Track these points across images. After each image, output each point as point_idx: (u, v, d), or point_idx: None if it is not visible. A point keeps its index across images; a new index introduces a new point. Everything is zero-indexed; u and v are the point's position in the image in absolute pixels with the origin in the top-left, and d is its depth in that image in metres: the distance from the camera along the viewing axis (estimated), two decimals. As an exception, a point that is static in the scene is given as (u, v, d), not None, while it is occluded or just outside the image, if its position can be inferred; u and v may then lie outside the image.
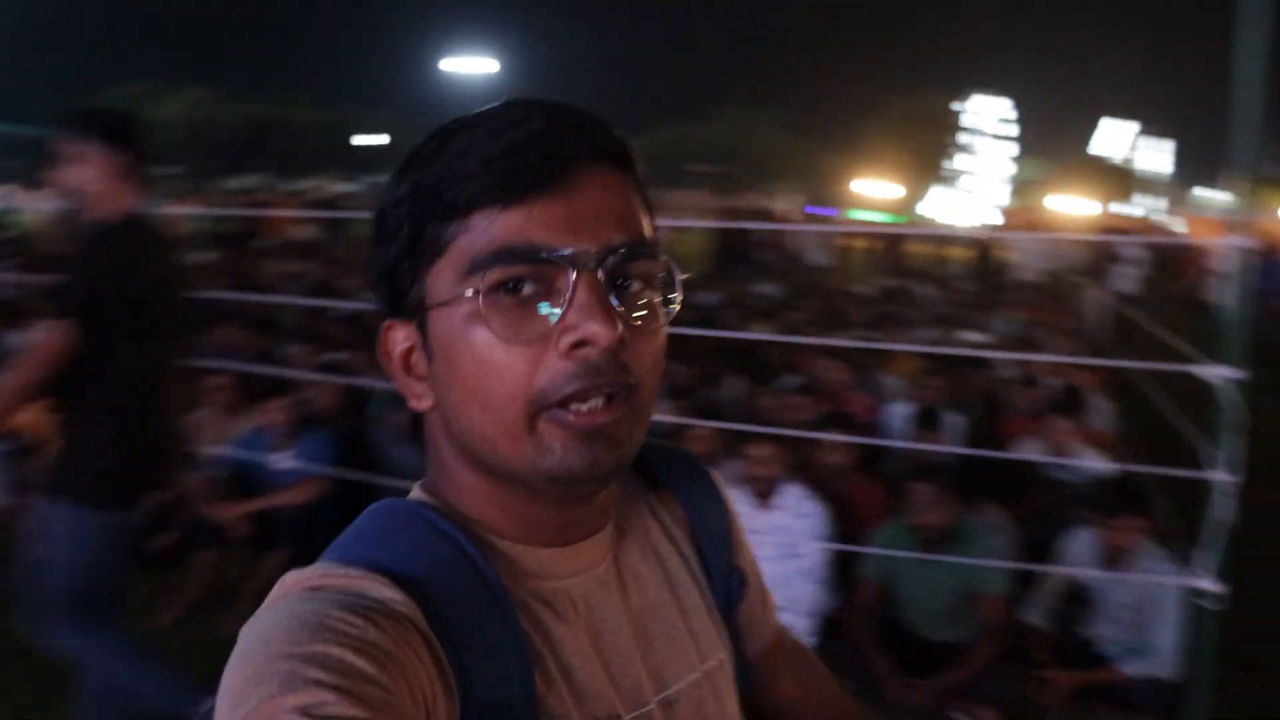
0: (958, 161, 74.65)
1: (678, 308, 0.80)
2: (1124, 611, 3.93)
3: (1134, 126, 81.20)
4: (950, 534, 3.98)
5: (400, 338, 0.79)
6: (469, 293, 0.72)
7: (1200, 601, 3.55)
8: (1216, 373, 3.45)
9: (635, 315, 0.76)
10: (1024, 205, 60.14)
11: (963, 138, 75.15)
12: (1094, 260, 16.67)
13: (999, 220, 46.03)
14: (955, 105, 73.42)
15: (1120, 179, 66.16)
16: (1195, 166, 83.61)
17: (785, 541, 4.09)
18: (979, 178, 76.83)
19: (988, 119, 79.52)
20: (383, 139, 56.98)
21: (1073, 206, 52.70)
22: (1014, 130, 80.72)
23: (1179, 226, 40.78)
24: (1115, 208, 57.19)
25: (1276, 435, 3.98)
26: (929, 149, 64.35)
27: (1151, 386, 6.76)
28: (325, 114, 54.88)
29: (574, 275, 0.72)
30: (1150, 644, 3.82)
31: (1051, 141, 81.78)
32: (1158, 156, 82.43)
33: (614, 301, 0.73)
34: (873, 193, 56.75)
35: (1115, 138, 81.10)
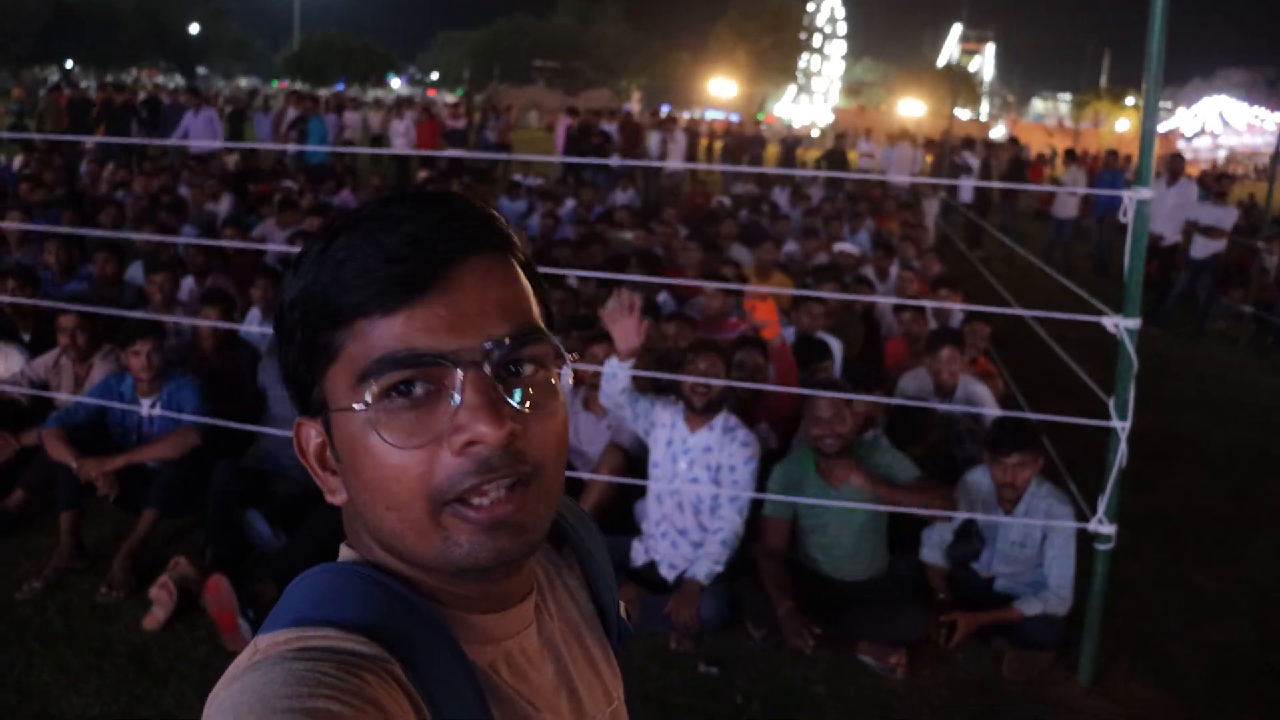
0: (805, 61, 75.01)
1: (571, 383, 0.81)
2: (1018, 550, 4.05)
3: (956, 29, 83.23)
4: (849, 447, 4.04)
5: (312, 434, 0.81)
6: (358, 405, 0.74)
7: (1096, 544, 3.70)
8: (1115, 322, 3.53)
9: (529, 401, 0.77)
10: (856, 105, 61.15)
11: (811, 37, 75.41)
12: (942, 168, 17.09)
13: (831, 120, 46.71)
14: (806, 3, 73.48)
15: (954, 83, 67.81)
16: (1017, 71, 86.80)
17: (713, 465, 4.06)
18: (824, 78, 77.59)
19: (825, 17, 79.98)
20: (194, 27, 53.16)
21: (910, 109, 53.91)
22: (845, 30, 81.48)
23: (1002, 131, 42.31)
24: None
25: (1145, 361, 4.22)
26: (779, 47, 64.37)
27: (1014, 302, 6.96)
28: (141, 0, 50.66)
29: (460, 375, 0.74)
30: (1045, 582, 3.95)
31: (880, 42, 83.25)
32: (979, 60, 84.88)
33: (503, 389, 0.75)
34: (721, 92, 56.69)
35: (948, 42, 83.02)
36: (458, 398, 0.73)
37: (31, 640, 3.63)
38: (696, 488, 4.07)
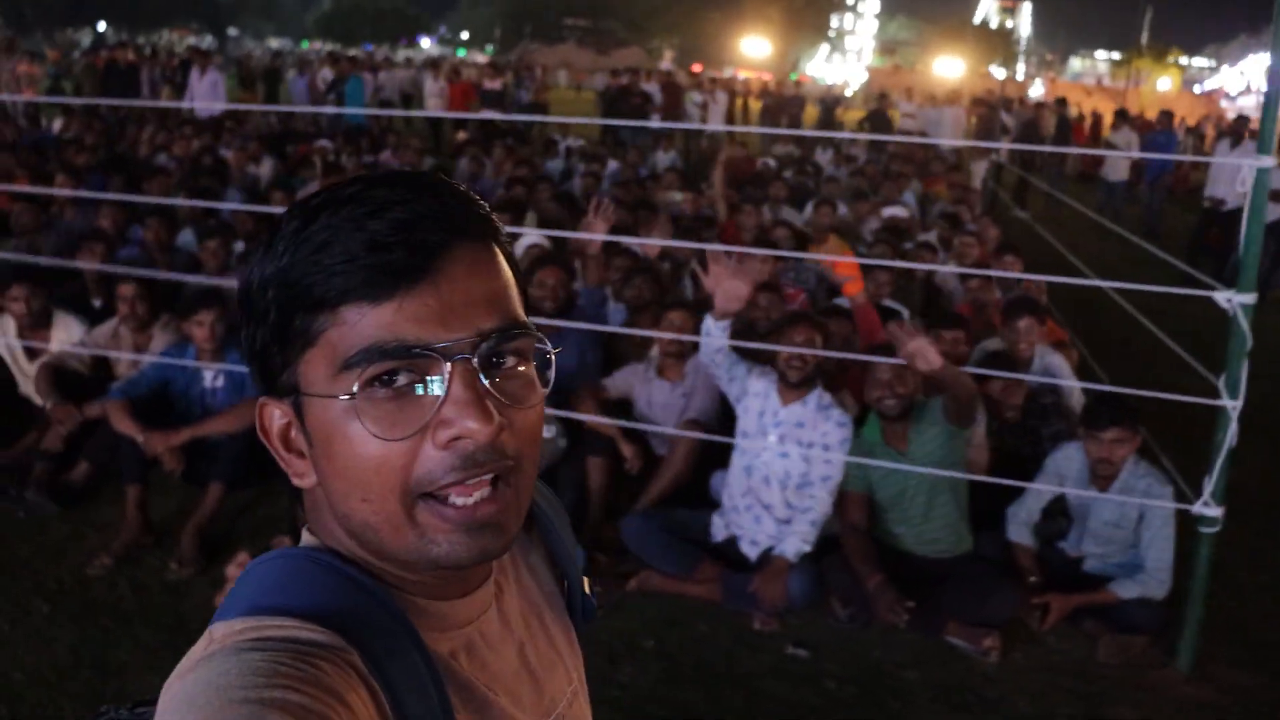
0: (839, 20, 74.00)
1: (551, 379, 0.81)
2: (1112, 530, 3.89)
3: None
4: (911, 408, 3.94)
5: (277, 415, 0.79)
6: (342, 394, 0.72)
7: (1200, 526, 3.54)
8: (1229, 297, 3.36)
9: (512, 394, 0.76)
10: (891, 64, 60.30)
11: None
12: (985, 129, 16.75)
13: (865, 79, 46.01)
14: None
15: (991, 41, 66.76)
16: (1058, 29, 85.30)
17: (804, 441, 3.93)
18: (857, 36, 76.57)
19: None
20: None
21: (946, 69, 53.08)
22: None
23: (1040, 90, 41.54)
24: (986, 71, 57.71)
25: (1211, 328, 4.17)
26: (812, 5, 63.41)
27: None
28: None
29: (448, 368, 0.72)
30: (1141, 564, 3.80)
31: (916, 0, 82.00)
32: (1015, 18, 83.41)
33: (488, 383, 0.74)
34: (754, 51, 55.99)
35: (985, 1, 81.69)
36: (443, 390, 0.72)
37: (105, 617, 3.56)
38: (785, 462, 3.94)
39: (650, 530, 3.92)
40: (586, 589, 1.01)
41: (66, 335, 4.66)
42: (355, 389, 0.72)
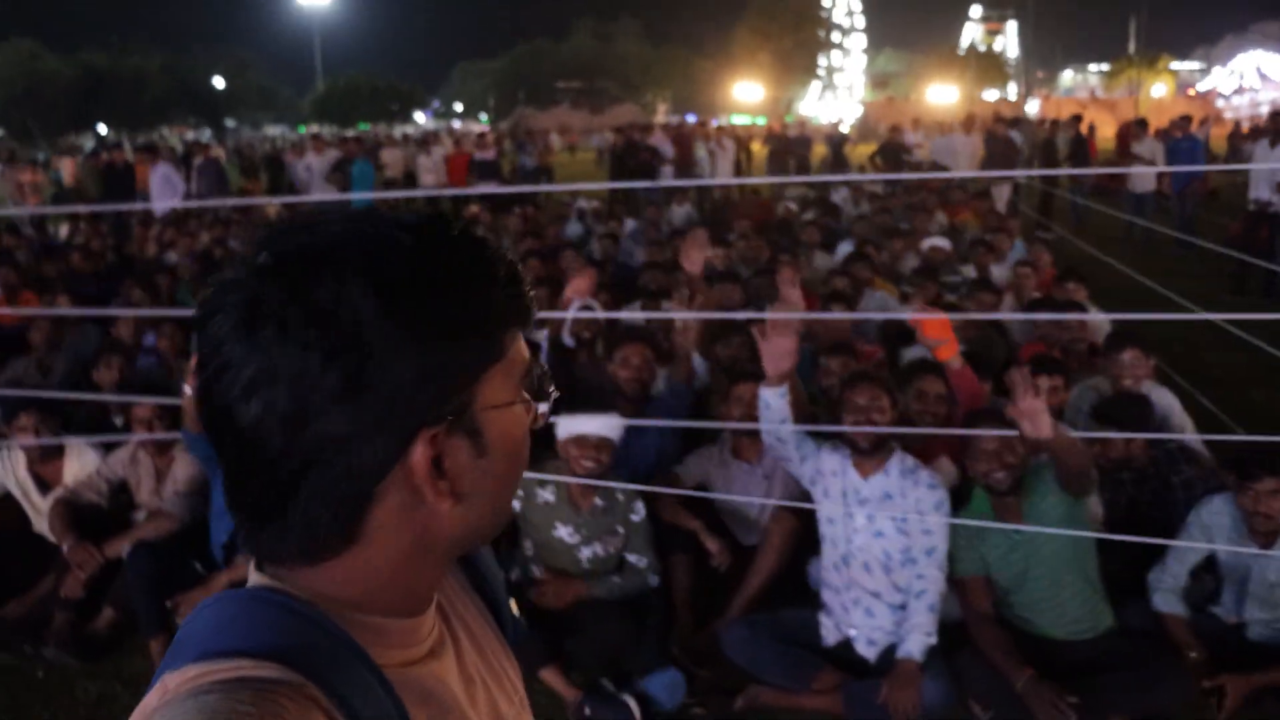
0: (827, 58, 74.46)
1: None
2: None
3: (976, 10, 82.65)
4: (1022, 479, 3.46)
5: (425, 449, 0.75)
6: (528, 396, 0.82)
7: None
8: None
9: None
10: (884, 97, 60.50)
11: (829, 33, 74.93)
12: (1002, 152, 16.41)
13: (859, 114, 46.07)
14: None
15: (981, 65, 66.92)
16: (1049, 46, 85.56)
17: (897, 514, 3.45)
18: (847, 73, 77.02)
19: (843, 12, 79.61)
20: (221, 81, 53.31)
21: (938, 96, 53.16)
22: (863, 23, 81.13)
23: (1036, 107, 41.46)
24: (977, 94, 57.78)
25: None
26: (801, 46, 63.82)
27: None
28: (166, 58, 50.82)
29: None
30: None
31: (900, 31, 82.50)
32: (1002, 39, 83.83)
33: None
34: (747, 96, 56.14)
35: (968, 24, 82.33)
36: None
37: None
38: (882, 542, 3.46)
39: (757, 639, 3.45)
40: (515, 610, 1.03)
41: (80, 466, 4.23)
42: (535, 389, 0.83)
